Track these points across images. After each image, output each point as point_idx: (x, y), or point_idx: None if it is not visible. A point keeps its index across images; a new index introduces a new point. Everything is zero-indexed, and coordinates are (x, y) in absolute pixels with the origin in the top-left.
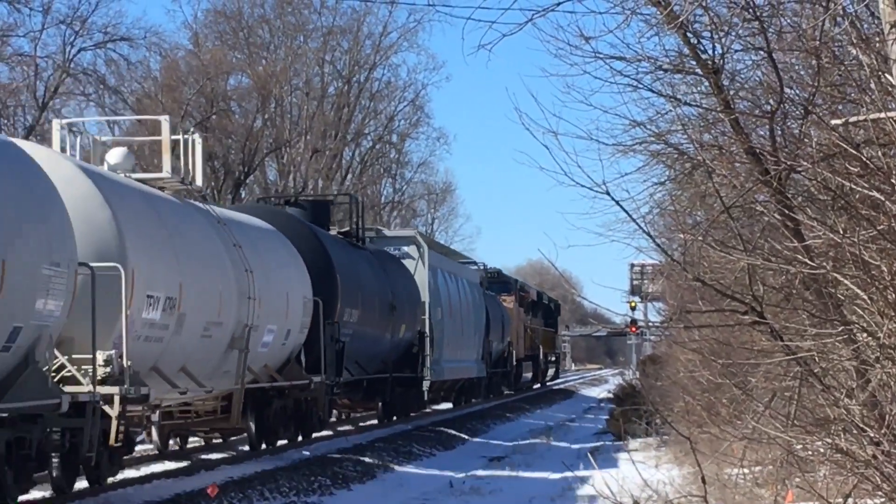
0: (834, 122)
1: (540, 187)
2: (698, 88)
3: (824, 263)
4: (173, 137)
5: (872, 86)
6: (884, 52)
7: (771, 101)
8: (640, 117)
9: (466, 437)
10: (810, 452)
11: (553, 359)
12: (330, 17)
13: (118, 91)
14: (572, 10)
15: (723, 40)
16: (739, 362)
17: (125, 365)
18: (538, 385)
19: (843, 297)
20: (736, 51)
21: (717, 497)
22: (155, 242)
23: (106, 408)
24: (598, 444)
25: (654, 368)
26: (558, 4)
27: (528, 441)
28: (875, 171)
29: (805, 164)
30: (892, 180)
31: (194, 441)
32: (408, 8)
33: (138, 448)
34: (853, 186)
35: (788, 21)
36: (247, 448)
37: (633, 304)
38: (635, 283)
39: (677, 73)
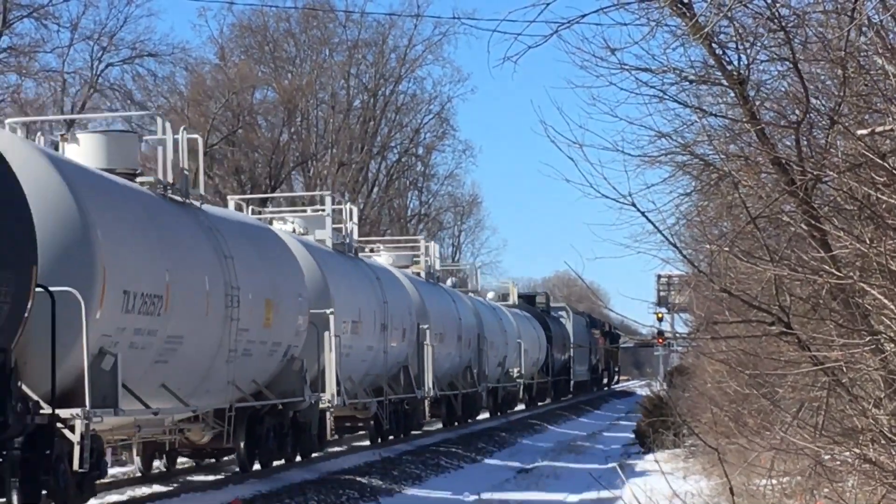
0: (860, 132)
1: (566, 199)
2: (724, 99)
3: (851, 273)
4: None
5: None
6: None
7: (797, 111)
8: (666, 128)
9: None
10: (838, 463)
11: (616, 369)
12: (355, 30)
13: (145, 106)
14: (598, 22)
15: (748, 51)
16: (767, 373)
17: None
18: (607, 388)
19: (870, 307)
20: (761, 61)
21: None
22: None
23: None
24: (626, 451)
25: (682, 379)
26: (583, 16)
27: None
28: None
29: (831, 174)
30: None
31: None
32: (433, 21)
33: None
34: (879, 196)
35: (814, 31)
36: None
37: (659, 316)
38: (662, 294)
39: (703, 84)
